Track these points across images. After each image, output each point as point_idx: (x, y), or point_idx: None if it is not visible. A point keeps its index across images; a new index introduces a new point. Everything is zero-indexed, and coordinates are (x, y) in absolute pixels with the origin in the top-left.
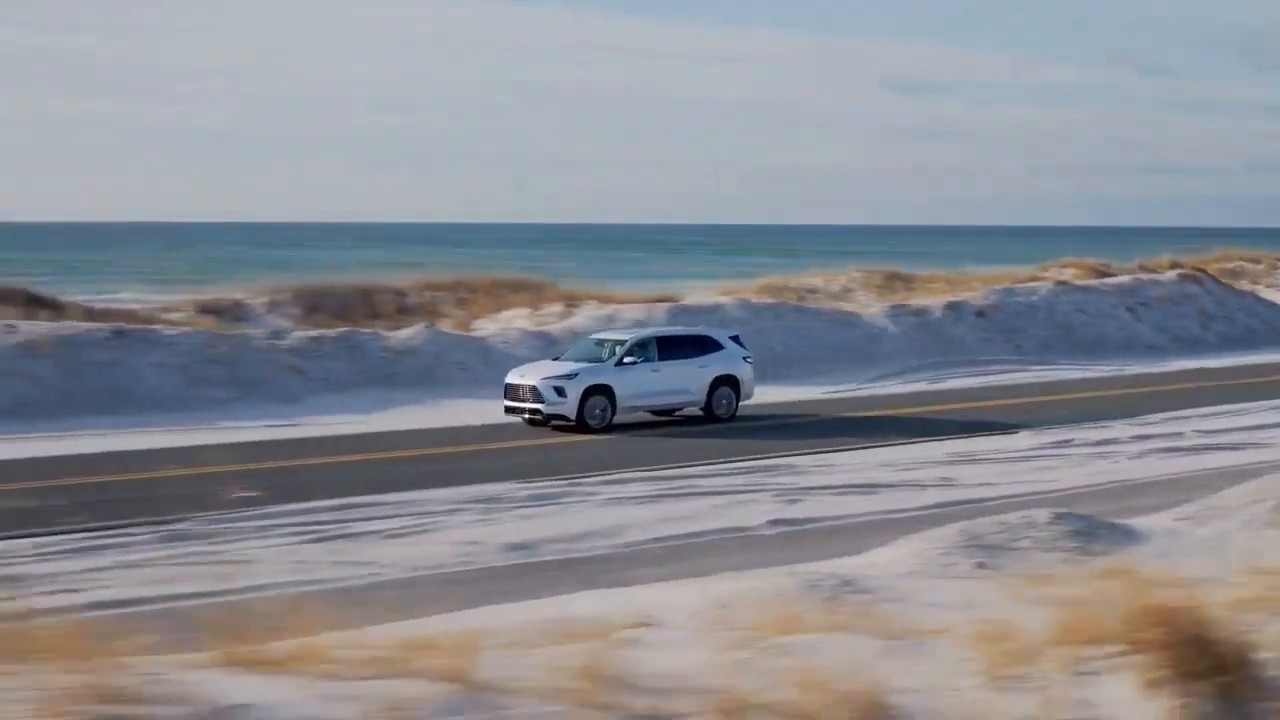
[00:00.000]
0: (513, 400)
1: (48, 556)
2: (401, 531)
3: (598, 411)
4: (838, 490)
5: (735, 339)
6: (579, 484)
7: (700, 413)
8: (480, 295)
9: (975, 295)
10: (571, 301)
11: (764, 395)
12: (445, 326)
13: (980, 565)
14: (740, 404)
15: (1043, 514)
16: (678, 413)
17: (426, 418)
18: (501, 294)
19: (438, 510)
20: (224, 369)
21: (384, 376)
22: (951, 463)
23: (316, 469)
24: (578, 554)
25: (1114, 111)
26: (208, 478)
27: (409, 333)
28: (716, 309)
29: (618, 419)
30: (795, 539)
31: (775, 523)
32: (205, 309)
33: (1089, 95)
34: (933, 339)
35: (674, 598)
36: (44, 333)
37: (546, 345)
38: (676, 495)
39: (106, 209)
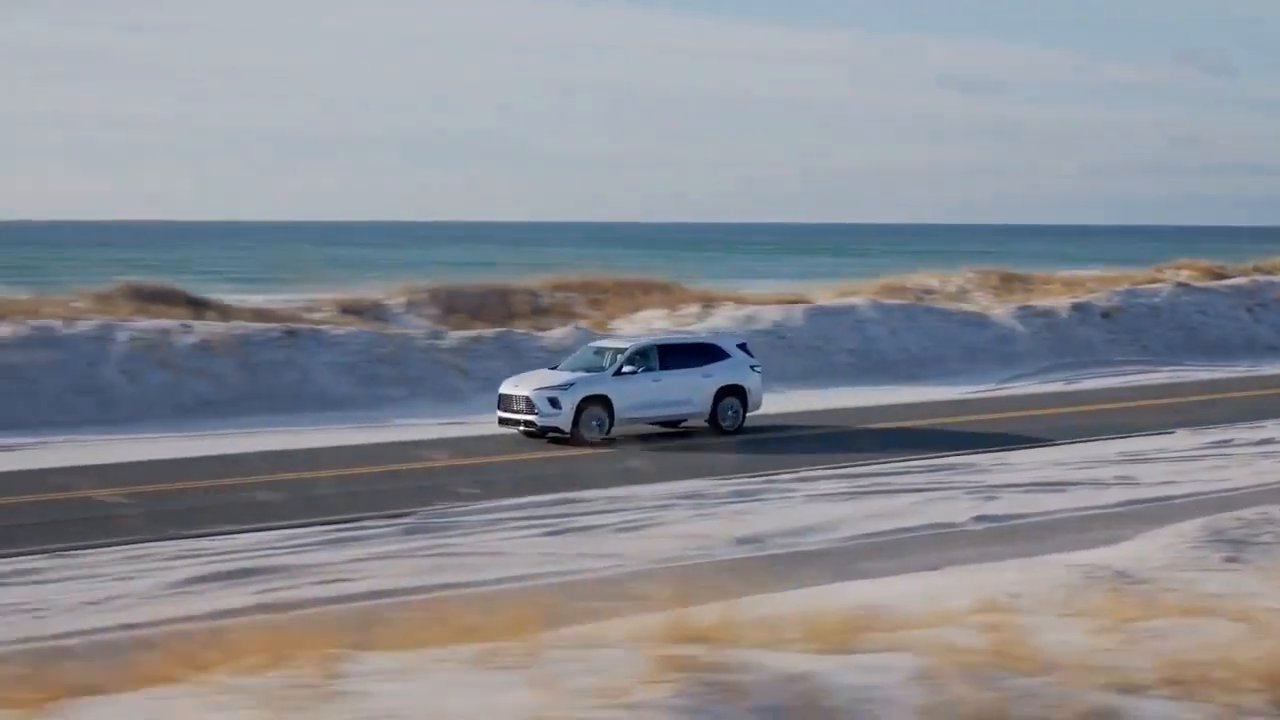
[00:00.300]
0: (506, 411)
1: (302, 548)
2: (628, 525)
3: (594, 423)
4: (1025, 488)
5: (743, 347)
6: (773, 481)
7: (705, 424)
8: (611, 296)
9: (1098, 297)
10: (708, 302)
11: (904, 395)
12: (584, 326)
13: (1230, 559)
14: (748, 415)
15: (1278, 510)
16: (682, 424)
17: None
18: (632, 294)
19: (650, 505)
20: (391, 368)
21: None
22: (1123, 462)
23: (512, 465)
24: (804, 548)
25: (1175, 111)
26: (412, 474)
27: (561, 333)
28: (850, 310)
29: (616, 430)
30: (1003, 534)
31: (979, 519)
32: (347, 309)
33: (1151, 94)
34: (1061, 340)
35: (951, 587)
36: (219, 332)
37: None
38: (871, 493)
39: (103, 209)
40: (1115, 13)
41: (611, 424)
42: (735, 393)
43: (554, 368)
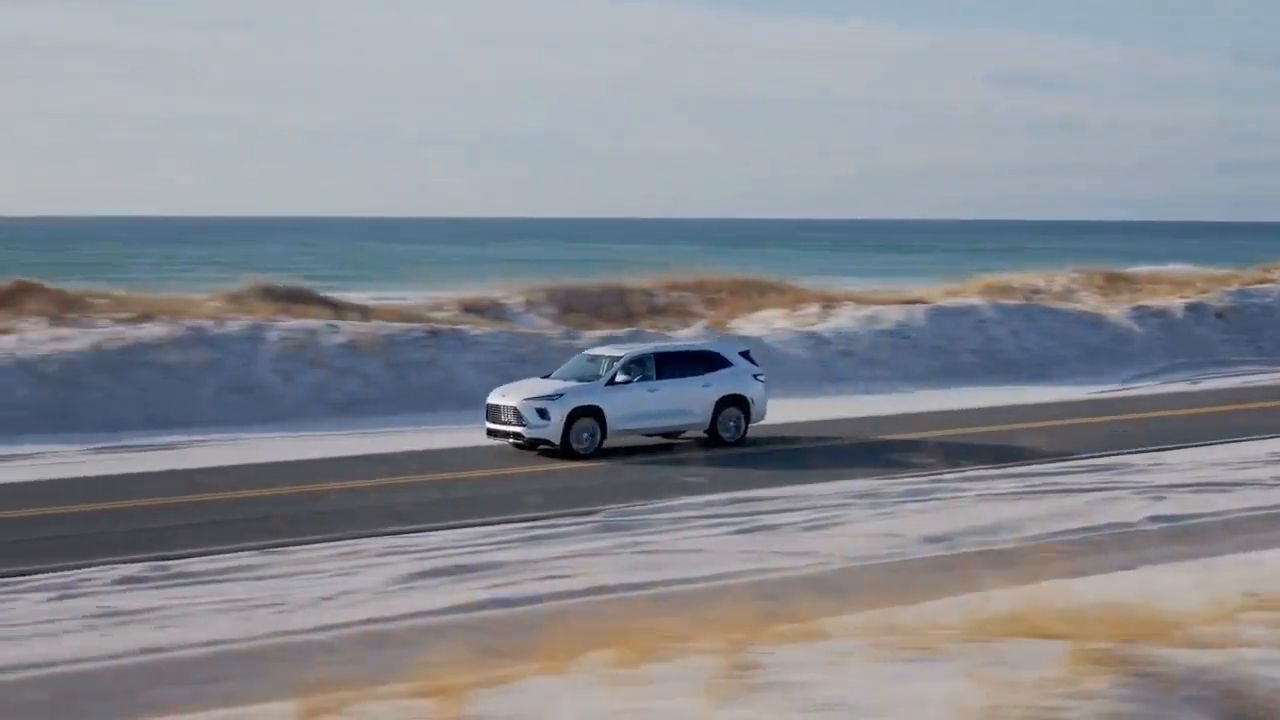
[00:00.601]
0: (494, 423)
1: (504, 545)
2: (813, 524)
3: (585, 436)
4: (1192, 488)
5: (745, 355)
6: (940, 481)
7: (705, 435)
8: (726, 296)
9: (1211, 296)
10: (828, 303)
11: (1032, 396)
12: (712, 326)
13: None
14: (750, 426)
15: None
16: (682, 435)
17: None
18: (747, 294)
19: (828, 504)
20: (531, 368)
21: None
22: (1276, 463)
23: (679, 464)
24: (995, 546)
25: (1233, 107)
26: (579, 473)
27: (690, 332)
28: (970, 310)
29: (610, 443)
30: (1180, 534)
31: (1154, 519)
32: (468, 308)
33: (1209, 90)
34: (1177, 340)
35: (1181, 584)
36: (364, 332)
37: (817, 345)
38: (1041, 492)
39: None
40: (1173, 8)
41: (604, 436)
42: (737, 403)
43: (547, 376)
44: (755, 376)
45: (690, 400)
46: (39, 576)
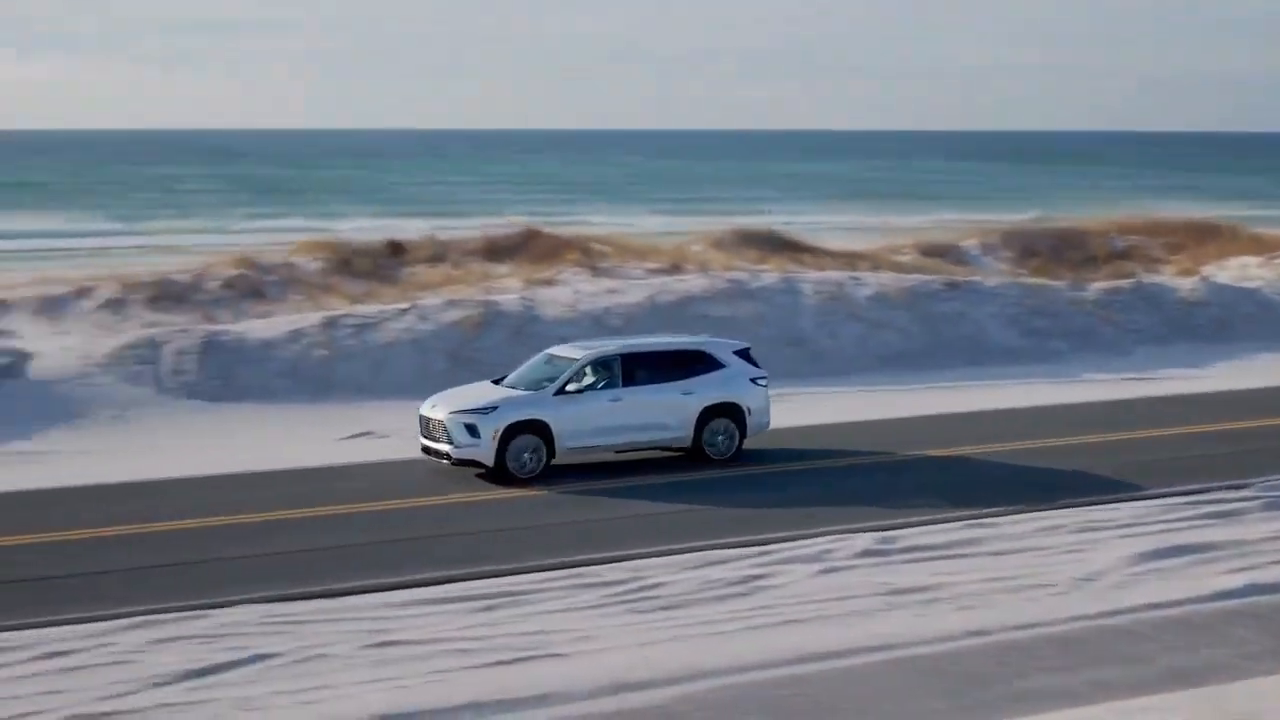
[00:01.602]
0: (428, 439)
1: (1187, 524)
2: None
3: (525, 456)
4: None
5: (744, 354)
6: None
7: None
8: (1183, 240)
9: None
10: None
11: None
12: (1167, 274)
13: None
14: (746, 439)
15: None
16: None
17: (1263, 374)
18: (1205, 238)
19: None
20: (1048, 321)
21: (1186, 329)
22: None
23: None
24: None
25: None
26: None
27: (1190, 283)
28: None
29: (561, 461)
30: None
31: None
32: (926, 251)
33: None
34: None
35: None
36: (888, 284)
37: None
38: None
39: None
40: None
41: (550, 456)
42: (727, 413)
43: (499, 380)
44: (754, 380)
45: (664, 411)
46: (779, 546)
